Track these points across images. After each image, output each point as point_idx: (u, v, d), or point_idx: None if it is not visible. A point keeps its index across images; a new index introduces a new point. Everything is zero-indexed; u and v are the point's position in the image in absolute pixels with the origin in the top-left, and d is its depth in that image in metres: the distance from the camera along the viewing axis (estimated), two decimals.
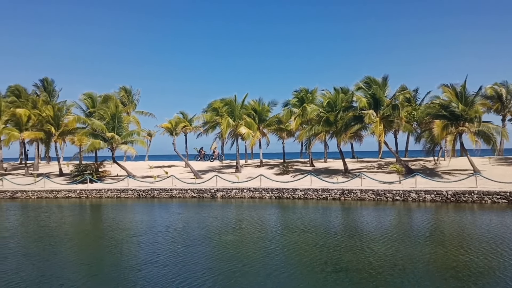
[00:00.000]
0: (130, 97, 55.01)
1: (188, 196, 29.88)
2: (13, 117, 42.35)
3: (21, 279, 11.11)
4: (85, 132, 36.90)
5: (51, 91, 54.83)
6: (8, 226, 20.43)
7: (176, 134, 44.16)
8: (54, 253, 14.39)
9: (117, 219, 22.13)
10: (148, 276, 11.24)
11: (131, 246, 15.28)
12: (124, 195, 31.15)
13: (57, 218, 22.91)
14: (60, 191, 32.46)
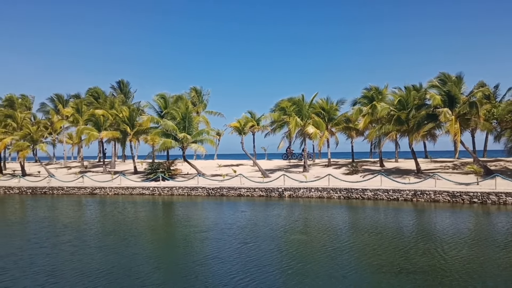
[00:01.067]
0: (200, 97, 56.37)
1: (256, 195, 30.11)
2: (93, 118, 44.95)
3: (91, 269, 11.81)
4: (158, 132, 38.32)
5: (126, 92, 57.67)
6: (86, 220, 21.80)
7: (244, 133, 44.68)
8: (125, 246, 15.13)
9: (186, 216, 22.87)
10: (210, 270, 11.62)
11: (197, 242, 15.83)
12: (194, 193, 31.97)
13: (131, 213, 24.01)
14: (134, 188, 33.92)
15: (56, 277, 11.18)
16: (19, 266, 12.33)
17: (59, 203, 29.77)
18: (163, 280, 10.89)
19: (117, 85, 58.92)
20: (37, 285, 10.50)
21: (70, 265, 12.36)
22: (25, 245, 15.58)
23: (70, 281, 10.81)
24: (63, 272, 11.66)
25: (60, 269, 11.96)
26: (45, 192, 35.99)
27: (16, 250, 14.67)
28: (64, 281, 10.76)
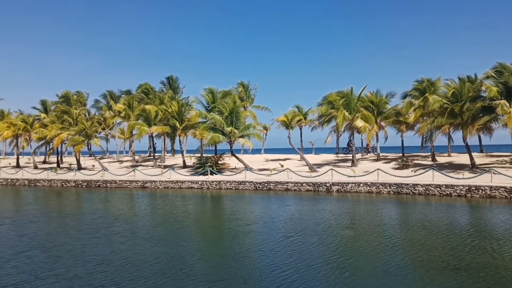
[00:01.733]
0: (248, 92, 56.67)
1: (303, 190, 29.95)
2: (143, 113, 46.15)
3: (138, 259, 12.26)
4: (206, 127, 38.81)
5: (175, 88, 58.82)
6: (136, 212, 22.53)
7: (291, 127, 44.48)
8: (172, 237, 15.63)
9: (232, 210, 23.20)
10: (252, 263, 11.86)
11: (241, 235, 16.11)
12: (242, 187, 32.20)
13: (179, 206, 24.52)
14: (184, 182, 34.57)
15: (104, 265, 11.66)
16: (72, 255, 12.91)
17: (111, 196, 30.85)
18: (206, 271, 11.12)
19: (167, 81, 60.21)
20: (87, 273, 10.95)
21: (118, 255, 12.86)
22: (78, 235, 16.29)
23: (118, 269, 11.24)
24: (111, 261, 12.14)
25: (109, 258, 12.46)
26: (99, 185, 37.35)
27: (70, 239, 15.38)
28: (113, 269, 11.21)
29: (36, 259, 12.52)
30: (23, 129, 52.99)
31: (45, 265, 11.84)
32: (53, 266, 11.76)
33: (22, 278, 10.63)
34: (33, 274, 10.94)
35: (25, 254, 13.17)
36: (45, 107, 61.33)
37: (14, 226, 18.59)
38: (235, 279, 10.36)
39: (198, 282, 10.09)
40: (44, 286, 9.99)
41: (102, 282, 10.20)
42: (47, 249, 13.94)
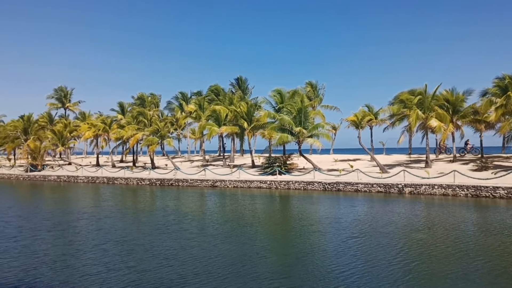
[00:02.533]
0: (316, 91, 56.21)
1: (374, 191, 29.19)
2: (213, 114, 47.20)
3: (204, 255, 12.75)
4: (274, 127, 38.94)
5: (244, 88, 59.63)
6: (206, 210, 23.10)
7: (361, 127, 43.60)
8: (239, 235, 16.01)
9: (300, 210, 23.11)
10: (313, 262, 11.89)
11: (307, 234, 16.20)
12: (310, 188, 31.97)
13: (248, 205, 24.78)
14: (252, 181, 34.92)
15: (172, 260, 12.24)
16: (143, 249, 13.66)
17: (183, 194, 31.81)
18: (267, 268, 11.32)
19: (236, 82, 61.22)
20: (155, 266, 11.58)
21: (186, 250, 13.41)
22: (150, 230, 17.11)
23: (184, 264, 11.79)
24: (179, 256, 12.73)
25: (176, 253, 13.07)
26: (172, 184, 38.65)
27: (141, 234, 16.24)
28: (179, 264, 11.79)
29: (110, 252, 13.38)
30: (102, 129, 56.08)
31: (118, 258, 12.62)
32: (125, 259, 12.51)
33: (97, 269, 11.41)
34: (107, 266, 11.73)
35: (101, 247, 14.12)
36: (122, 108, 64.54)
37: (92, 221, 19.78)
38: (296, 277, 10.44)
39: (259, 279, 10.33)
40: (116, 277, 10.65)
41: (169, 275, 10.76)
42: (120, 243, 14.79)
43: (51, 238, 15.96)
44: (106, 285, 10.06)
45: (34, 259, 12.68)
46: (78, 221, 20.00)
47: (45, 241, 15.37)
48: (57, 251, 13.68)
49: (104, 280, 10.46)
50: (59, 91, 76.49)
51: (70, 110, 77.24)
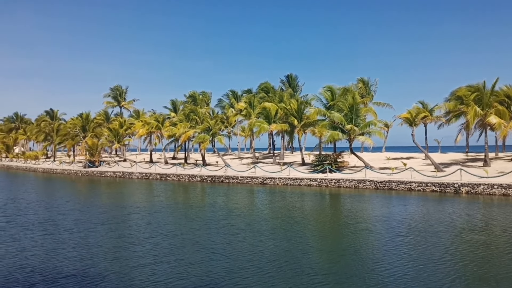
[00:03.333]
0: (368, 88, 55.11)
1: (428, 190, 28.23)
2: (263, 111, 47.34)
3: (248, 250, 12.98)
4: (325, 124, 38.53)
5: (294, 86, 59.38)
6: (254, 207, 23.17)
7: (415, 124, 42.28)
8: (284, 232, 16.12)
9: (348, 208, 22.77)
10: (358, 259, 11.90)
11: (354, 232, 16.02)
12: (361, 186, 31.40)
13: (296, 203, 24.59)
14: (302, 179, 34.73)
15: (218, 254, 12.57)
16: (190, 243, 14.08)
17: (233, 190, 32.11)
18: (311, 264, 11.47)
19: (286, 79, 61.05)
20: (202, 260, 11.98)
21: (232, 245, 13.67)
22: (199, 225, 17.44)
23: (229, 258, 12.12)
24: (225, 250, 13.01)
25: (223, 248, 13.35)
26: (222, 181, 39.12)
27: (191, 230, 16.52)
28: (225, 258, 12.12)
29: (160, 245, 13.80)
30: (155, 127, 57.58)
31: (167, 251, 13.02)
32: (173, 252, 12.91)
33: (147, 261, 11.84)
34: (156, 258, 12.16)
35: (151, 240, 14.61)
36: (175, 106, 66.02)
37: (144, 215, 20.40)
38: (337, 274, 10.48)
39: (301, 274, 10.46)
40: (164, 269, 11.05)
41: (215, 268, 11.04)
42: (170, 237, 15.23)
43: (105, 230, 16.59)
44: (155, 276, 10.40)
45: (88, 250, 13.26)
46: (131, 215, 20.69)
47: (99, 233, 16.02)
48: (110, 243, 14.27)
49: (154, 271, 10.80)
50: (115, 90, 79.28)
51: (125, 108, 79.88)
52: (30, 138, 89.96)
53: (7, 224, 18.15)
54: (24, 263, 11.79)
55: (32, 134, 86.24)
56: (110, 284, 9.92)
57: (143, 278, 10.26)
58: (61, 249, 13.42)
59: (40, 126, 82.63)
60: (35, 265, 11.57)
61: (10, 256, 12.53)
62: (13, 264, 11.70)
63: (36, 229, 16.89)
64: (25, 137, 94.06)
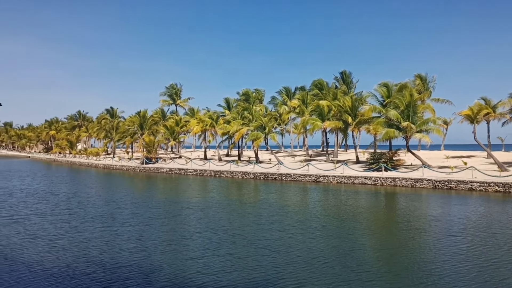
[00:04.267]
0: (425, 84, 53.30)
1: (491, 190, 26.88)
2: (317, 108, 46.92)
3: (294, 246, 12.92)
4: (380, 122, 37.63)
5: (349, 82, 58.46)
6: (306, 205, 22.88)
7: (477, 122, 40.48)
8: (334, 229, 16.02)
9: (403, 207, 22.03)
10: (402, 258, 11.81)
11: (404, 231, 15.63)
12: (418, 185, 30.39)
13: (350, 201, 24.13)
14: (357, 177, 34.12)
15: (266, 249, 12.75)
16: (242, 238, 14.29)
17: (286, 188, 32.01)
18: (357, 262, 11.38)
19: (340, 76, 60.24)
20: (251, 255, 12.18)
21: (281, 241, 13.83)
22: (249, 222, 17.56)
23: (276, 253, 12.32)
24: (273, 246, 13.17)
25: (272, 243, 13.45)
26: (275, 178, 39.14)
27: (242, 225, 16.70)
28: (273, 253, 12.32)
29: (211, 239, 14.18)
30: (209, 125, 58.54)
31: (217, 245, 13.34)
32: (223, 246, 13.26)
33: (198, 254, 12.25)
34: (207, 252, 12.52)
35: (202, 235, 15.02)
36: (228, 104, 66.77)
37: (197, 210, 20.84)
38: (387, 272, 10.48)
39: (349, 271, 10.54)
40: (214, 262, 11.40)
41: (263, 263, 11.31)
42: (221, 231, 15.53)
43: (159, 224, 17.09)
44: (206, 268, 10.78)
45: (143, 242, 13.75)
46: (184, 210, 21.19)
47: (153, 227, 16.54)
48: (163, 236, 14.76)
49: (204, 264, 11.21)
50: (171, 89, 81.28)
51: (180, 106, 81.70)
52: (92, 135, 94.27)
53: (70, 216, 19.10)
54: (84, 253, 12.42)
55: (93, 131, 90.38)
56: (163, 274, 10.34)
57: (194, 270, 10.61)
58: (118, 241, 14.02)
59: (101, 123, 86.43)
60: (94, 255, 12.18)
61: (73, 246, 13.23)
62: (75, 254, 12.34)
63: (95, 221, 17.70)
64: (87, 134, 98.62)
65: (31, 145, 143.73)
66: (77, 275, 10.30)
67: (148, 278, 10.08)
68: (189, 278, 10.05)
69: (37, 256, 12.10)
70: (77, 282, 9.83)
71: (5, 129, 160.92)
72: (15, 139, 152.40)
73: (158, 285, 9.61)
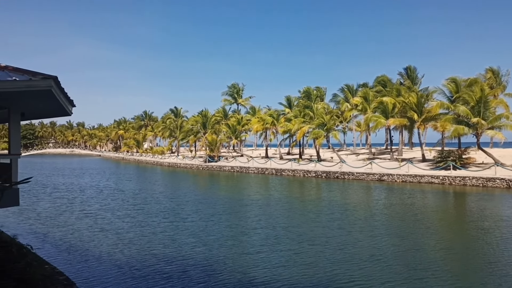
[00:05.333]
0: (498, 79, 50.49)
1: None
2: (380, 105, 45.81)
3: (347, 242, 12.53)
4: (448, 118, 36.11)
5: (414, 78, 56.48)
6: (370, 204, 22.44)
7: None
8: (396, 227, 15.72)
9: (473, 208, 21.04)
10: (453, 257, 11.42)
11: (473, 233, 15.08)
12: (491, 184, 28.82)
13: (416, 201, 23.35)
14: (423, 176, 32.91)
15: (317, 245, 12.71)
16: (298, 234, 14.02)
17: (348, 187, 31.50)
18: (419, 260, 11.21)
19: (404, 72, 58.30)
20: (303, 250, 12.33)
21: (335, 238, 13.64)
22: (308, 219, 17.43)
23: (333, 250, 12.15)
24: (330, 243, 13.13)
25: (327, 240, 13.01)
26: (337, 177, 38.62)
27: (300, 223, 16.52)
28: (329, 250, 12.00)
29: (268, 236, 14.45)
30: (270, 123, 58.77)
31: (275, 241, 13.54)
32: (281, 241, 13.59)
33: (256, 250, 12.53)
34: (263, 246, 12.86)
35: (260, 231, 15.37)
36: (289, 102, 66.73)
37: (257, 208, 21.10)
38: (448, 272, 10.29)
39: (409, 270, 10.43)
40: (268, 257, 11.64)
41: (319, 259, 11.44)
42: (278, 228, 15.65)
43: (220, 220, 17.53)
44: (264, 263, 11.01)
45: (203, 237, 14.24)
46: (245, 207, 21.62)
47: (214, 222, 16.99)
48: (223, 232, 15.23)
49: (262, 258, 11.47)
50: (232, 88, 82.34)
51: (242, 105, 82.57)
52: (157, 134, 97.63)
53: (136, 212, 20.00)
54: (149, 246, 13.00)
55: (158, 130, 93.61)
56: (222, 266, 10.77)
57: (252, 264, 10.99)
58: (180, 235, 14.58)
59: (166, 123, 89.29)
60: (158, 248, 12.74)
61: (138, 240, 13.88)
62: (140, 247, 12.94)
63: (159, 217, 18.45)
64: (153, 134, 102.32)
65: (102, 144, 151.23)
66: (142, 267, 10.79)
67: (207, 271, 10.42)
68: (247, 272, 10.37)
69: (106, 248, 12.82)
70: (142, 273, 10.30)
71: (78, 129, 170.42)
72: (87, 139, 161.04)
73: (217, 277, 9.92)
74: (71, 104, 10.09)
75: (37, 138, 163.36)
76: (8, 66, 8.46)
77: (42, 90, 8.49)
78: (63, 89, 9.11)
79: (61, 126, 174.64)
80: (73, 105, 10.18)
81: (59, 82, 8.73)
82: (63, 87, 9.05)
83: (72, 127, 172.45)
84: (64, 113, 10.92)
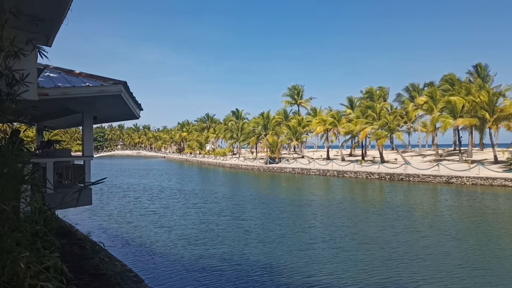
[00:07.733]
0: None
1: None
2: (448, 105, 43.93)
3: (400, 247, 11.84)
4: None
5: (484, 76, 53.70)
6: (438, 207, 21.78)
7: None
8: (465, 232, 15.49)
9: None
10: None
11: None
12: None
13: (487, 205, 22.16)
14: (495, 178, 31.14)
15: (372, 244, 11.90)
16: (353, 235, 13.68)
17: (414, 189, 30.47)
18: (488, 266, 10.83)
19: (474, 70, 55.53)
20: (357, 249, 11.44)
21: (403, 244, 12.88)
22: (368, 222, 16.98)
23: (386, 251, 11.29)
24: (386, 245, 12.66)
25: (377, 240, 12.48)
26: (402, 179, 37.42)
27: (362, 224, 16.17)
28: (382, 252, 11.30)
29: (321, 233, 14.18)
30: (332, 124, 58.02)
31: (333, 244, 12.99)
32: (338, 242, 13.20)
33: (308, 247, 12.42)
34: (310, 245, 12.86)
35: (316, 229, 15.44)
36: (351, 103, 65.59)
37: (317, 210, 20.94)
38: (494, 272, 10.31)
39: (476, 276, 10.19)
40: (318, 254, 11.25)
41: (370, 257, 11.04)
42: (334, 228, 15.25)
43: (280, 220, 17.49)
44: (327, 264, 10.92)
45: (242, 235, 14.64)
46: (306, 207, 21.70)
47: (276, 223, 16.94)
48: (279, 231, 15.45)
49: (325, 259, 11.44)
50: (292, 89, 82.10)
51: (302, 106, 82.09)
52: (219, 136, 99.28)
53: (197, 210, 20.74)
54: (210, 243, 13.52)
55: (220, 132, 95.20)
56: (281, 265, 10.94)
57: (301, 260, 11.34)
58: (240, 234, 14.92)
59: (227, 125, 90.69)
60: (222, 247, 13.04)
61: (200, 238, 14.40)
62: (201, 244, 13.48)
63: (222, 215, 18.96)
64: (215, 136, 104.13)
65: (166, 146, 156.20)
66: (206, 266, 11.07)
67: (266, 268, 10.68)
68: (293, 267, 10.65)
69: (170, 245, 13.37)
70: (206, 273, 10.57)
71: (144, 131, 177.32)
72: (152, 141, 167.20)
73: (274, 274, 10.20)
74: (139, 108, 10.49)
75: (107, 141, 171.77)
76: (82, 73, 8.95)
77: (113, 94, 8.91)
78: (132, 94, 9.50)
79: (129, 129, 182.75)
80: (140, 108, 10.58)
81: (128, 87, 9.12)
82: (132, 92, 9.43)
83: (138, 130, 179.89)
84: (133, 116, 11.39)
